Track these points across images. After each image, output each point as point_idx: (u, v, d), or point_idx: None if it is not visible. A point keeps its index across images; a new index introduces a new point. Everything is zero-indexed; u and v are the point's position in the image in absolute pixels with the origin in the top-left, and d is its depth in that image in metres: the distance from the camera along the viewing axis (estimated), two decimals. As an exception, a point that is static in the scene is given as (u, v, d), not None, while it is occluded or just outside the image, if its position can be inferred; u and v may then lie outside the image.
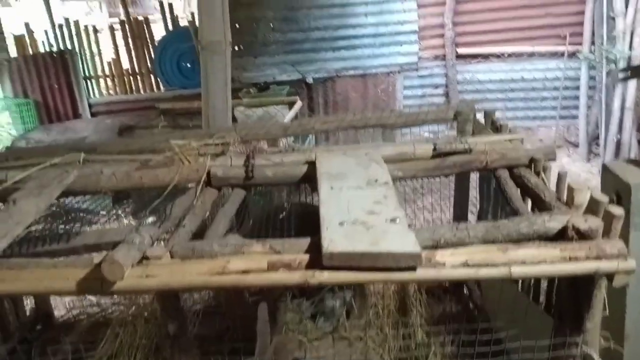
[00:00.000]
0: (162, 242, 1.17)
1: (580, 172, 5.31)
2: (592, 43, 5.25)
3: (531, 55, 5.62)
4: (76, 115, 6.41)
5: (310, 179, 1.45)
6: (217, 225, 1.25)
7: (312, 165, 1.44)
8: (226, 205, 1.37)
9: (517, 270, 0.97)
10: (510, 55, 5.63)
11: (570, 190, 1.23)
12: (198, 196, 1.41)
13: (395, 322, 2.03)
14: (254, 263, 0.99)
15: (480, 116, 1.90)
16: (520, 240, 1.10)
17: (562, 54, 5.52)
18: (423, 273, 0.97)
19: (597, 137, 5.38)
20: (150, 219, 1.18)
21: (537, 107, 5.87)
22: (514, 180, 1.44)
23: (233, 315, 1.88)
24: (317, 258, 0.98)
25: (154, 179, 1.48)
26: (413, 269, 0.96)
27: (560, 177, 1.32)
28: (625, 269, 0.97)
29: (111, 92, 6.68)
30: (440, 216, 2.99)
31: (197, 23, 2.70)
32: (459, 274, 0.97)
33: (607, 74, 5.09)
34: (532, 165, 1.45)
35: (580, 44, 5.37)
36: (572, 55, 5.47)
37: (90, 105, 6.47)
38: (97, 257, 1.02)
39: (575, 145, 5.66)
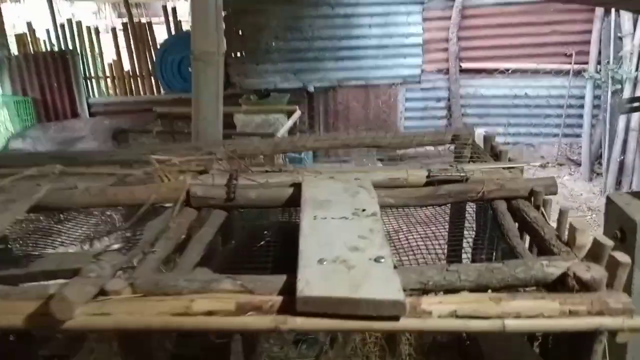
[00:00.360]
0: (130, 270, 1.08)
1: (581, 191, 5.22)
2: (599, 62, 5.18)
3: (536, 72, 5.54)
4: (75, 114, 6.35)
5: (295, 202, 1.36)
6: (189, 253, 1.16)
7: (298, 188, 1.35)
8: (202, 230, 1.28)
9: (511, 324, 0.88)
10: (514, 71, 5.56)
11: (572, 229, 1.14)
12: (174, 217, 1.32)
13: (382, 351, 1.94)
14: (221, 304, 0.90)
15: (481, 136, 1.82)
16: (515, 285, 1.01)
17: (568, 72, 5.44)
18: (407, 323, 0.88)
19: (600, 157, 5.30)
20: (116, 246, 1.09)
21: (540, 124, 5.79)
22: (512, 213, 1.35)
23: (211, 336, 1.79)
24: (291, 300, 0.89)
25: (129, 196, 1.39)
26: (396, 318, 0.87)
27: (562, 214, 1.23)
28: (631, 327, 0.88)
29: (111, 92, 6.62)
30: (435, 231, 2.89)
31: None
32: (446, 325, 0.88)
33: (612, 94, 5.01)
34: (532, 198, 1.36)
35: (586, 62, 5.29)
36: (578, 73, 5.40)
37: (89, 105, 6.41)
38: (52, 287, 0.93)
39: (578, 164, 5.57)
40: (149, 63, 6.37)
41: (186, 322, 0.88)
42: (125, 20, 6.56)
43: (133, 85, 6.51)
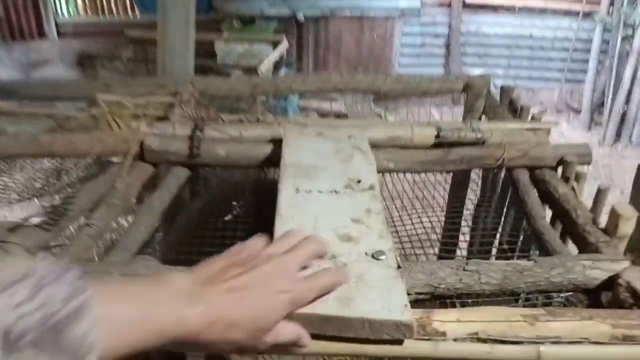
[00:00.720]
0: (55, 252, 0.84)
1: (579, 141, 5.02)
2: (611, 4, 4.81)
3: (543, 11, 5.16)
4: (41, 34, 5.81)
5: (274, 163, 1.11)
6: (136, 227, 0.92)
7: (278, 145, 1.09)
8: (155, 195, 1.03)
9: (549, 352, 0.67)
10: (521, 9, 5.16)
11: (615, 215, 0.92)
12: (123, 176, 1.06)
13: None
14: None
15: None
16: (548, 291, 0.80)
17: (577, 13, 5.07)
18: (412, 348, 0.66)
19: (602, 105, 5.06)
20: (36, 220, 0.84)
21: (542, 67, 5.49)
22: (536, 186, 1.12)
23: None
24: (260, 309, 0.66)
25: (68, 147, 1.12)
26: (399, 342, 0.65)
27: (601, 193, 1.01)
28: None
29: (81, 11, 6.05)
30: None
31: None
32: (464, 350, 0.67)
33: (622, 39, 4.70)
34: (562, 168, 1.13)
35: (597, 3, 4.92)
36: (587, 15, 5.03)
37: (57, 25, 5.87)
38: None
39: (577, 112, 5.34)
40: (123, -20, 5.80)
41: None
42: None
43: (105, 4, 5.95)
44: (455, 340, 0.67)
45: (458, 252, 1.45)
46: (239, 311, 0.51)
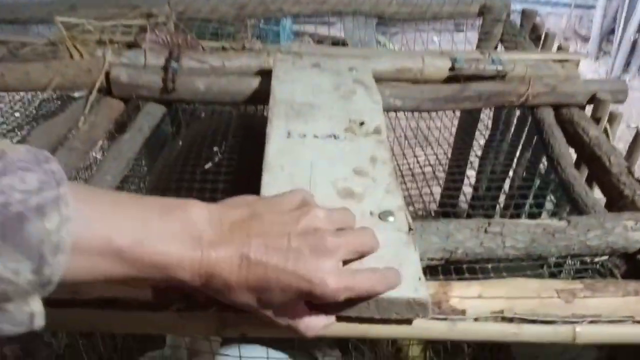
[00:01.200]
0: None
1: (586, 71, 4.80)
2: None
3: None
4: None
5: (262, 99, 0.97)
6: (101, 178, 0.79)
7: (267, 77, 0.94)
8: (124, 137, 0.88)
9: (586, 332, 0.57)
10: None
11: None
12: (87, 114, 0.92)
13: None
14: (128, 287, 0.55)
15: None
16: (582, 255, 0.69)
17: None
18: (424, 327, 0.56)
19: (612, 33, 4.79)
20: None
21: (551, -10, 5.15)
22: (561, 126, 0.99)
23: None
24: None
25: (22, 79, 0.96)
26: (407, 321, 0.54)
27: (639, 137, 0.88)
28: None
29: None
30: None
31: None
32: (487, 332, 0.57)
33: (641, -41, 4.35)
34: (592, 107, 0.99)
35: None
36: None
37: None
38: None
39: (585, 39, 5.07)
40: None
41: (67, 316, 0.54)
42: None
43: None
44: (476, 319, 0.57)
45: (462, 198, 1.34)
46: (241, 279, 0.42)
